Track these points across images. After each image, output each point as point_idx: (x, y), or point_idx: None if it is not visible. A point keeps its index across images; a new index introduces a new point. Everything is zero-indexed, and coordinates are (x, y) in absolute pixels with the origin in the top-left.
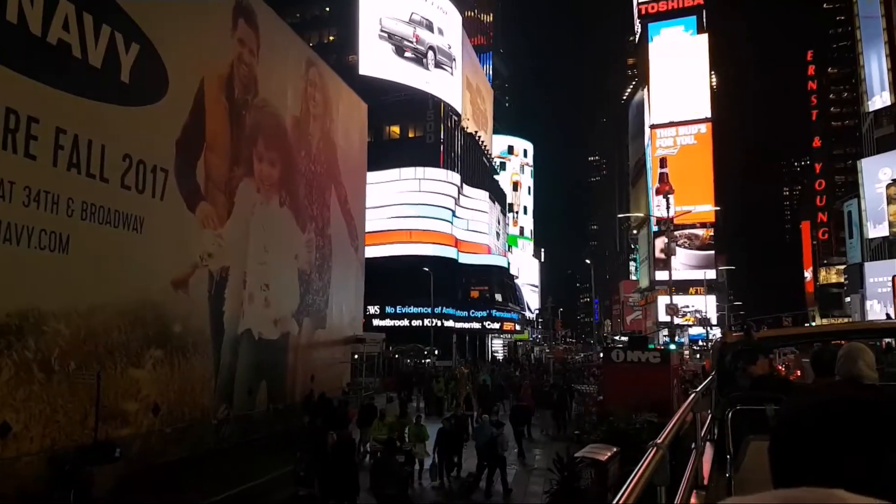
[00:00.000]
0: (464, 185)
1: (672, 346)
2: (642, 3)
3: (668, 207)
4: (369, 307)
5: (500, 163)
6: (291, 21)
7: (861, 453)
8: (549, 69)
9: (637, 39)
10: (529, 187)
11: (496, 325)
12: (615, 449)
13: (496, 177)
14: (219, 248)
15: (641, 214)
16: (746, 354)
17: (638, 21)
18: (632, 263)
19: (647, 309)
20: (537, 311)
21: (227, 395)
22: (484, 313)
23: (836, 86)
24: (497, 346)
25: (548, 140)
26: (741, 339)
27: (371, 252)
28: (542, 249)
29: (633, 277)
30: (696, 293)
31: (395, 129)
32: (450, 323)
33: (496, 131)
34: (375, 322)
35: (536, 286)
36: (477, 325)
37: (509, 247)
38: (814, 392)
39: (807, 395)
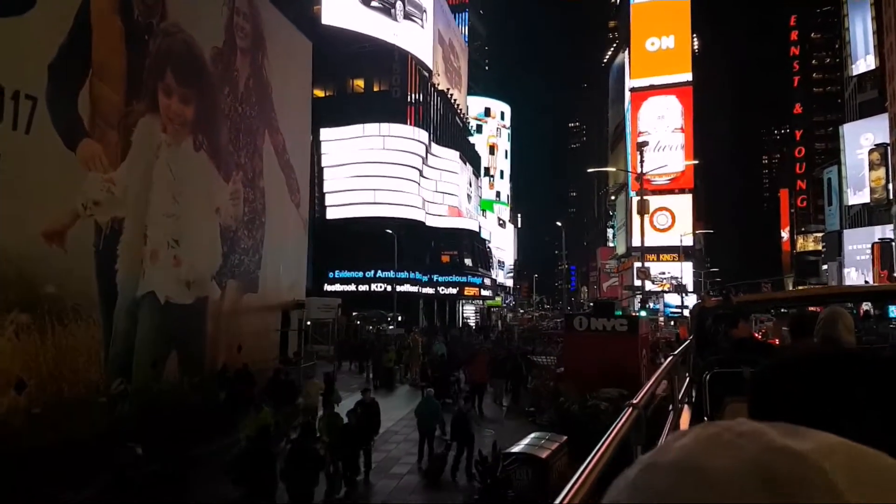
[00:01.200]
0: (432, 144)
1: (643, 313)
2: None
3: (641, 162)
4: (332, 272)
5: (477, 125)
6: None
7: (839, 407)
8: (529, 32)
9: (619, 1)
10: (507, 150)
11: (452, 291)
12: (563, 439)
13: (471, 138)
14: (109, 196)
15: (613, 169)
16: (728, 318)
17: None
18: (609, 230)
19: (623, 276)
20: (511, 277)
21: (124, 367)
22: (444, 278)
23: (819, 52)
24: (469, 313)
25: (527, 105)
26: (720, 303)
27: (333, 213)
28: (519, 215)
29: (611, 244)
30: (673, 260)
31: (360, 83)
32: (415, 288)
33: (473, 92)
34: (335, 287)
35: (510, 251)
36: (431, 290)
37: (483, 211)
38: (792, 352)
39: (784, 356)
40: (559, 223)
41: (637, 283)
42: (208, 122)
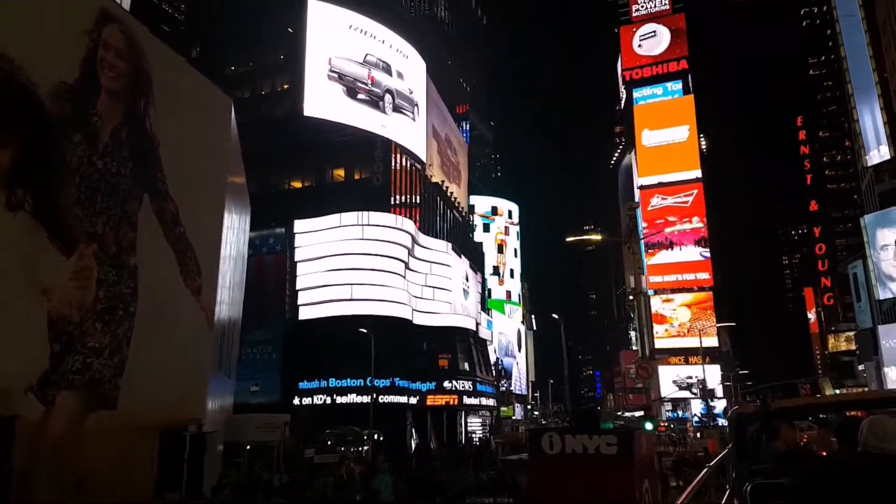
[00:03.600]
0: (420, 235)
1: (648, 426)
2: (626, 70)
3: (637, 226)
4: (304, 382)
5: (484, 224)
6: (244, 69)
7: None
8: (538, 142)
9: (623, 106)
10: (516, 249)
11: (410, 400)
12: None
13: (477, 236)
14: None
15: (598, 237)
16: (769, 428)
17: (623, 87)
18: (632, 333)
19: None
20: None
21: None
22: (428, 385)
23: (829, 150)
24: (476, 426)
25: (541, 210)
26: (758, 409)
27: (306, 313)
28: (533, 317)
29: (634, 347)
30: (699, 363)
31: (340, 172)
32: (401, 398)
33: (479, 192)
34: (308, 400)
35: (522, 354)
36: (403, 399)
37: (490, 310)
38: (828, 462)
39: (820, 465)
40: (555, 315)
41: (668, 390)
42: (39, 174)
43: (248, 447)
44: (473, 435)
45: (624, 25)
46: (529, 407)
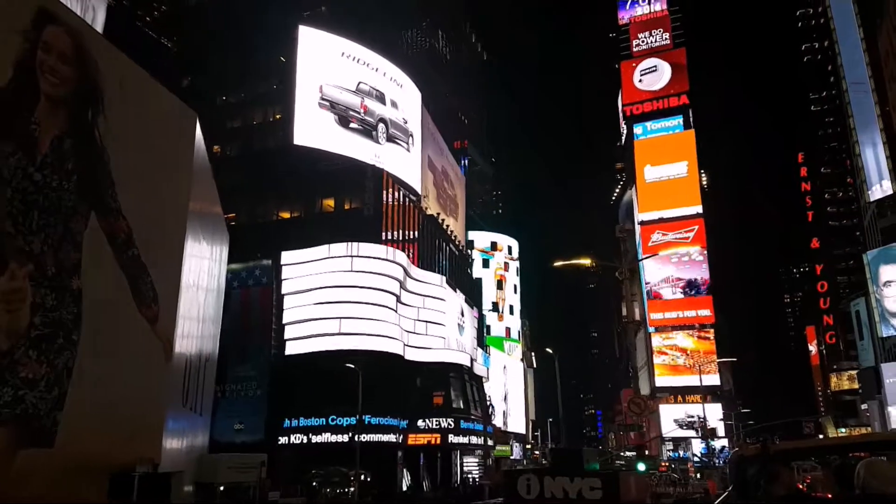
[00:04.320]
0: (412, 267)
1: (640, 466)
2: (627, 105)
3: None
4: (289, 420)
5: (484, 259)
6: (236, 100)
7: None
8: (540, 178)
9: (623, 141)
10: (515, 285)
11: (389, 438)
12: None
13: (477, 272)
14: None
15: (588, 262)
16: (767, 471)
17: (623, 123)
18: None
19: (650, 419)
20: (530, 422)
21: None
22: (402, 423)
23: (831, 187)
24: (472, 466)
25: (544, 250)
26: (759, 451)
27: (293, 348)
28: (534, 354)
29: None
30: (700, 401)
31: (330, 202)
32: (382, 437)
33: (479, 227)
34: (293, 438)
35: (520, 392)
36: (383, 438)
37: (487, 347)
38: None
39: None
40: (549, 349)
41: (669, 430)
42: None
43: (222, 488)
44: (469, 476)
45: (625, 60)
46: (529, 446)
